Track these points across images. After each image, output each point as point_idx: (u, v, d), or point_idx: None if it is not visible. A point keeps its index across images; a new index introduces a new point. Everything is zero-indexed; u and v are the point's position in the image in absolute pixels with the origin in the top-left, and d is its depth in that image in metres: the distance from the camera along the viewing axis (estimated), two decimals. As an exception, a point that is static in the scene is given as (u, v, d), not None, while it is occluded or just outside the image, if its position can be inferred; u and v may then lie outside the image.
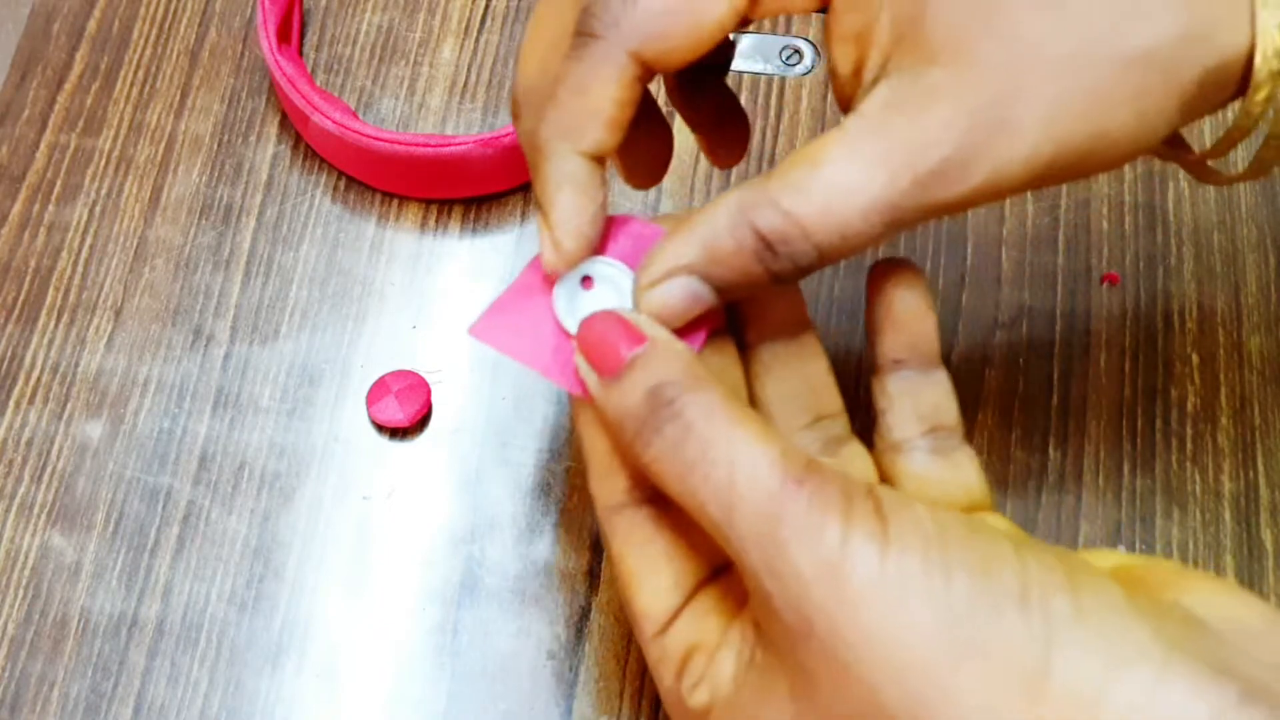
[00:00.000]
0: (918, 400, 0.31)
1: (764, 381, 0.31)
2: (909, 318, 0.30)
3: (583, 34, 0.29)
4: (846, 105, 0.30)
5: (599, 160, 0.30)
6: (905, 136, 0.27)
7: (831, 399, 0.32)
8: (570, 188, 0.29)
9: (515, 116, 0.32)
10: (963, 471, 0.31)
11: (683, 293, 0.29)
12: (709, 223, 0.28)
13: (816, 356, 0.32)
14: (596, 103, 0.29)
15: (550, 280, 0.31)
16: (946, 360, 0.44)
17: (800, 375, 0.31)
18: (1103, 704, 0.22)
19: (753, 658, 0.26)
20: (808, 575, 0.24)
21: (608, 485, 0.29)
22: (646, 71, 0.29)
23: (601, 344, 0.28)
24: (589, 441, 0.29)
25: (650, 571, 0.28)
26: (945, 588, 0.23)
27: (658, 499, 0.29)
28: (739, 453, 0.26)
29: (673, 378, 0.27)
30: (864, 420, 0.32)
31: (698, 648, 0.28)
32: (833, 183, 0.27)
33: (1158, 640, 0.23)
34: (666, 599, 0.28)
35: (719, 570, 0.29)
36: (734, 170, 0.47)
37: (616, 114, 0.29)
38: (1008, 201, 0.46)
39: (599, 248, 0.31)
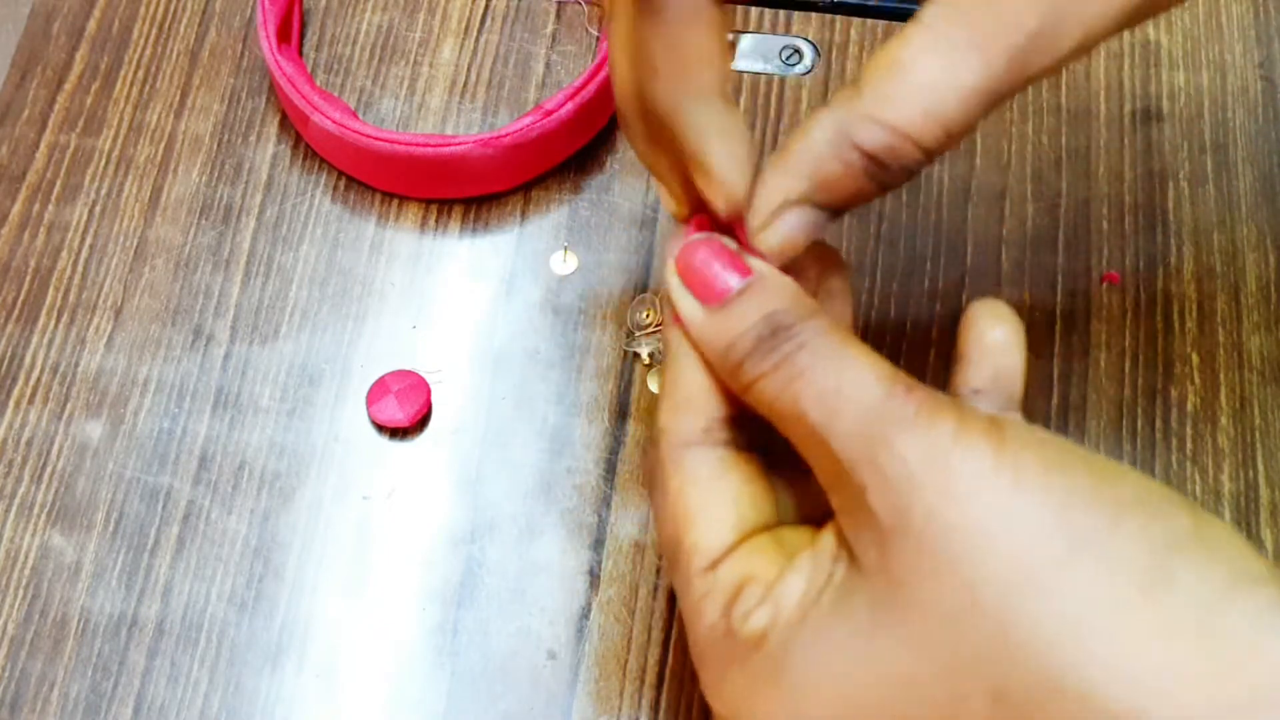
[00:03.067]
0: None
1: None
2: (998, 349, 0.29)
3: (645, 7, 0.29)
4: None
5: (731, 100, 0.30)
6: (992, 16, 0.26)
7: None
8: (715, 132, 0.29)
9: (625, 125, 0.31)
10: None
11: (800, 224, 0.29)
12: (810, 150, 0.28)
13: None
14: (699, 45, 0.29)
15: None
16: (947, 360, 0.44)
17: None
18: (1226, 614, 0.21)
19: (828, 578, 0.26)
20: (913, 465, 0.24)
21: (684, 420, 0.29)
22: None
23: (705, 271, 0.28)
24: (675, 373, 0.29)
25: (713, 507, 0.28)
26: (1064, 485, 0.23)
27: (732, 443, 0.29)
28: (848, 366, 0.26)
29: (785, 306, 0.27)
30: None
31: (752, 579, 0.27)
32: (927, 83, 0.26)
33: (1272, 570, 0.22)
34: (723, 535, 0.28)
35: (770, 527, 0.29)
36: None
37: (719, 47, 0.29)
38: (1007, 201, 0.47)
39: None
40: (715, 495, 0.28)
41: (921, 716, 0.23)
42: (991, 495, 0.23)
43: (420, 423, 0.43)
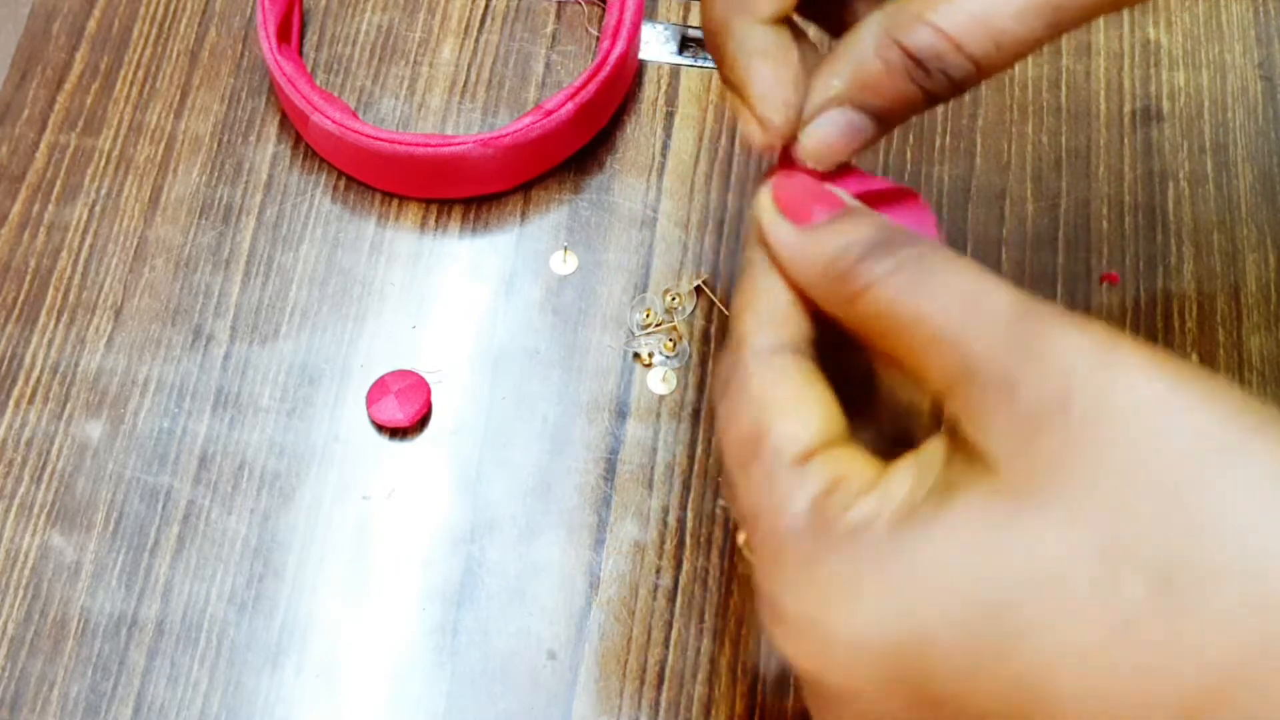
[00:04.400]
0: None
1: None
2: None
3: None
4: None
5: (784, 24, 0.29)
6: None
7: None
8: (760, 57, 0.29)
9: (709, 48, 0.31)
10: None
11: (840, 124, 0.28)
12: (855, 49, 0.27)
13: None
14: None
15: None
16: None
17: None
18: None
19: (942, 478, 0.24)
20: (1072, 354, 0.23)
21: (771, 331, 0.28)
22: None
23: (806, 195, 0.28)
24: (762, 289, 0.28)
25: (803, 405, 0.27)
26: (1207, 384, 0.22)
27: (815, 362, 0.28)
28: (978, 274, 0.25)
29: (889, 229, 0.27)
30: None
31: (849, 477, 0.26)
32: None
33: None
34: (815, 431, 0.26)
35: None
36: (733, 172, 0.47)
37: None
38: (1007, 201, 0.47)
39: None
40: (806, 395, 0.27)
41: (1067, 599, 0.22)
42: (1154, 388, 0.22)
43: (420, 423, 0.43)
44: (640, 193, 0.46)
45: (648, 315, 0.44)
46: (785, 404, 0.27)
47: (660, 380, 0.43)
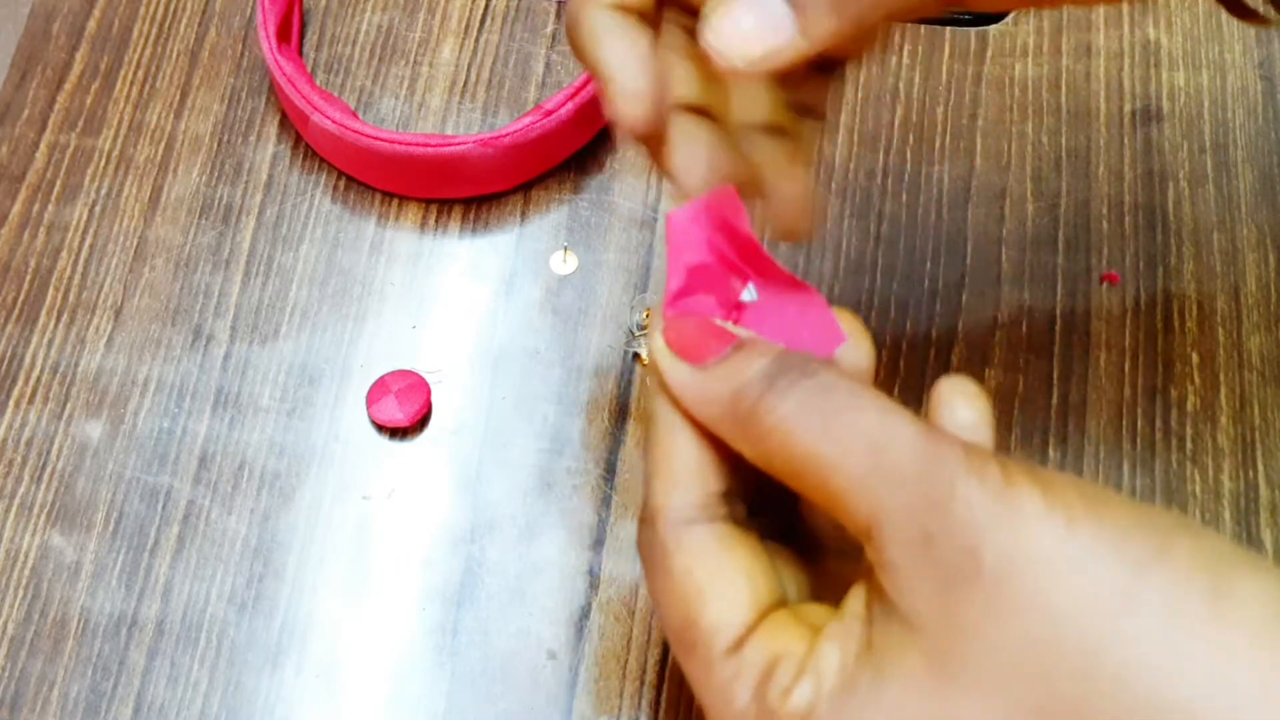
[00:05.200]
0: None
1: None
2: (966, 431, 0.28)
3: None
4: None
5: (633, 13, 0.29)
6: None
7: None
8: (610, 36, 0.29)
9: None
10: None
11: (755, 10, 0.27)
12: None
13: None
14: None
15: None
16: (947, 360, 0.44)
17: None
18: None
19: (868, 642, 0.25)
20: (977, 509, 0.23)
21: (681, 496, 0.28)
22: None
23: (698, 333, 0.28)
24: (667, 448, 0.28)
25: (725, 585, 0.27)
26: (1110, 519, 0.23)
27: (730, 519, 0.28)
28: (882, 409, 0.25)
29: (783, 359, 0.26)
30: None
31: (782, 657, 0.26)
32: None
33: None
34: (743, 612, 0.26)
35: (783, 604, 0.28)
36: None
37: None
38: (1007, 201, 0.47)
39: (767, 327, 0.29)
40: (727, 571, 0.27)
41: None
42: (1052, 534, 0.23)
43: (420, 423, 0.43)
44: (640, 193, 0.46)
45: (648, 315, 0.44)
46: (708, 587, 0.27)
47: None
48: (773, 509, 0.30)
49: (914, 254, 0.46)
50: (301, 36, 0.49)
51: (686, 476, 0.28)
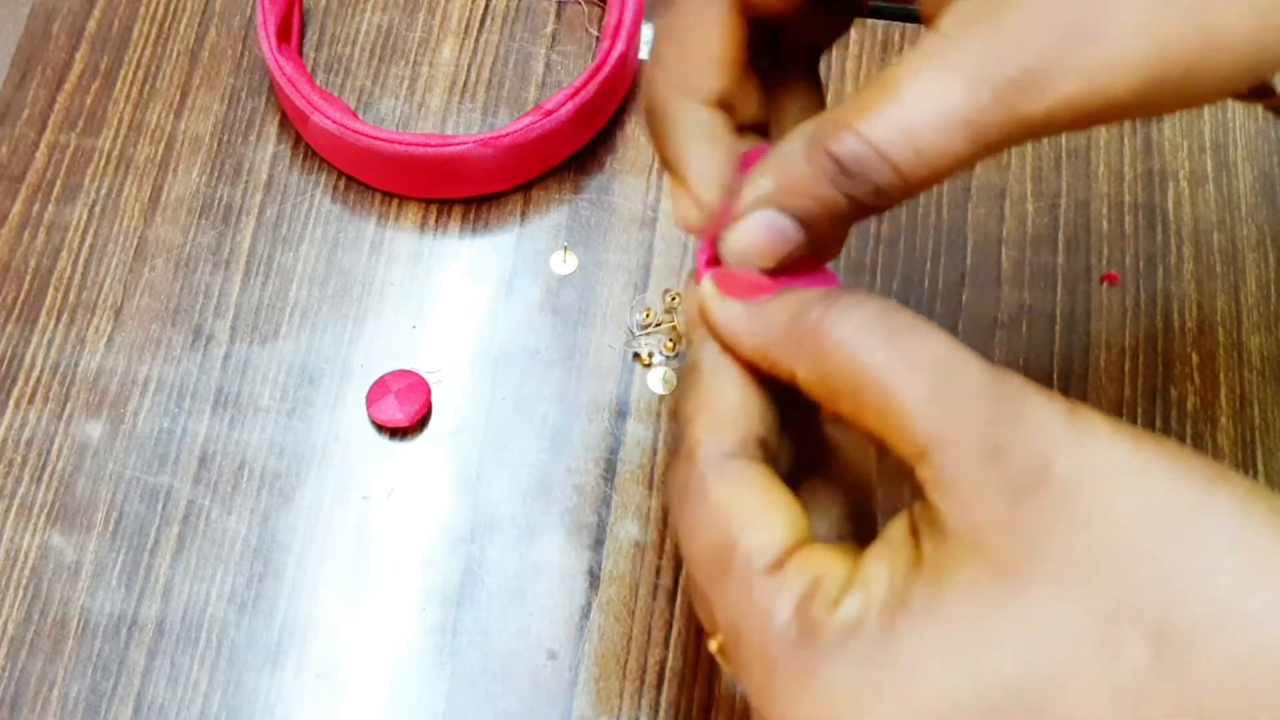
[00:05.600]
0: None
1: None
2: None
3: None
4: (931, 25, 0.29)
5: (722, 107, 0.29)
6: (983, 46, 0.26)
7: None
8: (698, 139, 0.29)
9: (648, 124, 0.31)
10: None
11: (765, 227, 0.28)
12: (784, 153, 0.28)
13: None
14: (703, 46, 0.28)
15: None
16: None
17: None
18: None
19: (917, 558, 0.24)
20: (1048, 422, 0.23)
21: (723, 434, 0.28)
22: (747, 6, 0.29)
23: (746, 279, 0.28)
24: (712, 389, 0.28)
25: (766, 510, 0.27)
26: (1168, 451, 0.23)
27: (768, 463, 0.28)
28: (940, 334, 0.25)
29: (823, 299, 0.26)
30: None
31: (826, 576, 0.25)
32: (906, 100, 0.26)
33: None
34: (782, 535, 0.26)
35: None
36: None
37: (725, 53, 0.29)
38: (1007, 201, 0.47)
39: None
40: (768, 500, 0.27)
41: (1072, 672, 0.22)
42: (1121, 450, 0.23)
43: (420, 423, 0.43)
44: (640, 193, 0.46)
45: (648, 315, 0.44)
46: (749, 512, 0.27)
47: (660, 380, 0.43)
48: (805, 456, 0.30)
49: (914, 254, 0.46)
50: (301, 36, 0.49)
51: (730, 418, 0.28)
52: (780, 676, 0.25)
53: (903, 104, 0.26)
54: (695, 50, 0.29)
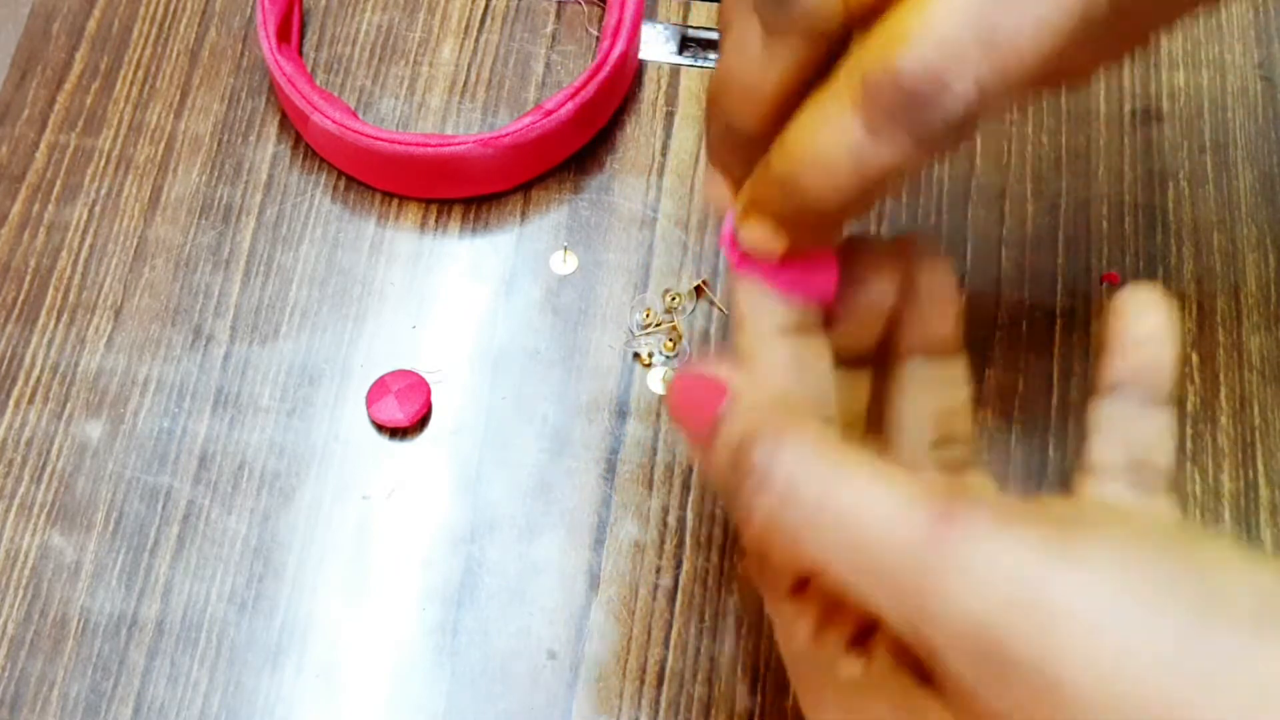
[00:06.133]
0: (1131, 430, 0.27)
1: (899, 400, 0.29)
2: (1147, 341, 0.27)
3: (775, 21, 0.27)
4: None
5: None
6: None
7: (965, 426, 0.30)
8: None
9: (716, 121, 0.29)
10: (1156, 519, 0.27)
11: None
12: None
13: (960, 384, 0.29)
14: (773, 78, 0.27)
15: None
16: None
17: (939, 398, 0.29)
18: None
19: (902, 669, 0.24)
20: (986, 618, 0.21)
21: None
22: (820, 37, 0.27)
23: (691, 407, 0.26)
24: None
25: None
26: (1164, 603, 0.21)
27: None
28: (863, 500, 0.23)
29: (757, 428, 0.24)
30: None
31: (843, 607, 0.25)
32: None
33: None
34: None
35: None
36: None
37: (785, 86, 0.27)
38: (1007, 201, 0.46)
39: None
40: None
41: None
42: (1085, 628, 0.21)
43: (420, 423, 0.43)
44: (640, 193, 0.46)
45: (648, 315, 0.44)
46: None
47: (660, 380, 0.43)
48: None
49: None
50: (301, 36, 0.49)
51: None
52: (798, 675, 0.26)
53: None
54: (761, 81, 0.27)
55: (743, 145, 0.28)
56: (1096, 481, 0.27)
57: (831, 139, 0.24)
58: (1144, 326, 0.27)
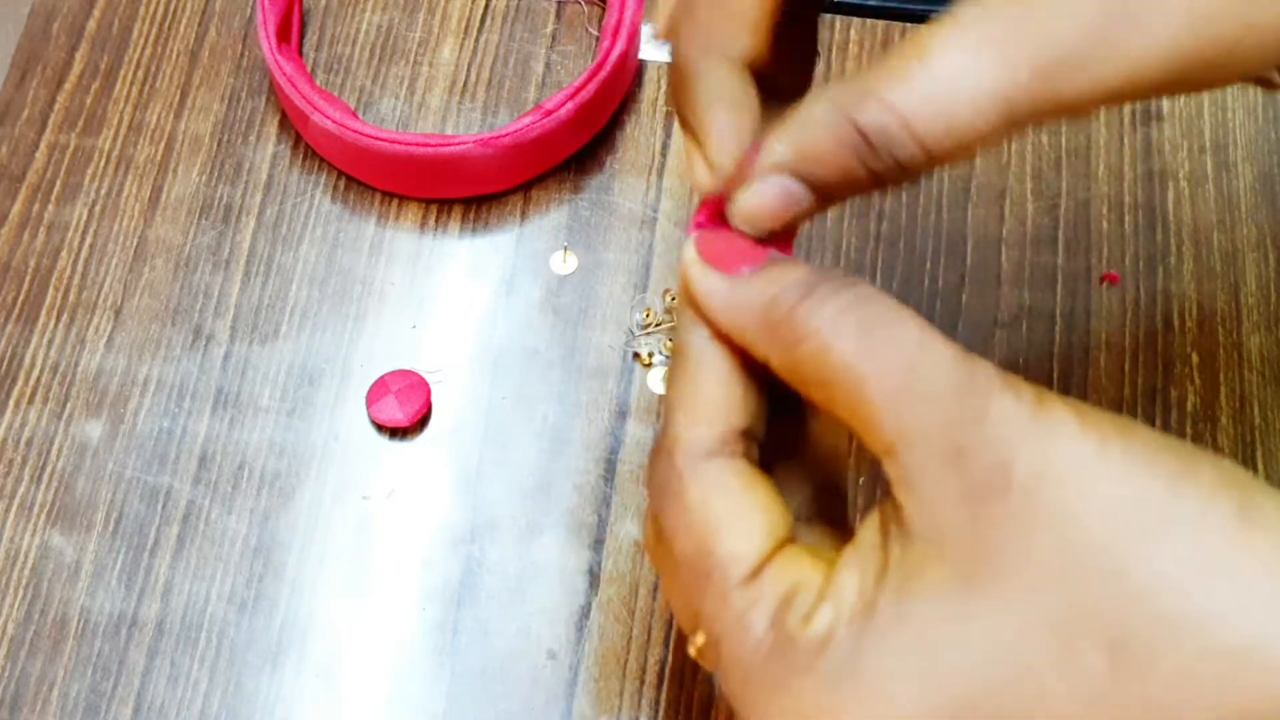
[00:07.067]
0: None
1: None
2: None
3: None
4: None
5: (748, 73, 0.28)
6: (1026, 23, 0.24)
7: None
8: (722, 102, 0.28)
9: (667, 40, 0.30)
10: None
11: (777, 192, 0.27)
12: (804, 119, 0.27)
13: None
14: (737, 6, 0.28)
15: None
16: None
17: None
18: None
19: (885, 563, 0.24)
20: (1014, 425, 0.23)
21: (702, 430, 0.27)
22: None
23: (731, 246, 0.27)
24: (692, 380, 0.28)
25: (741, 518, 0.26)
26: (1139, 444, 0.23)
27: (747, 456, 0.27)
28: (919, 326, 0.25)
29: (809, 281, 0.26)
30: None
31: (801, 586, 0.25)
32: (940, 72, 0.25)
33: None
34: (759, 543, 0.26)
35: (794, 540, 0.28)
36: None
37: (759, 16, 0.28)
38: (1007, 201, 0.47)
39: None
40: (743, 505, 0.27)
41: (1032, 682, 0.22)
42: (1085, 451, 0.23)
43: (420, 423, 0.43)
44: (640, 192, 0.46)
45: (648, 315, 0.44)
46: (726, 518, 0.26)
47: (660, 380, 0.43)
48: (780, 432, 0.30)
49: (914, 254, 0.46)
50: (301, 36, 0.49)
51: (710, 411, 0.28)
52: (756, 688, 0.25)
53: (934, 75, 0.25)
54: (733, 6, 0.28)
55: (725, 85, 0.29)
56: None
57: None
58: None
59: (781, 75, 0.31)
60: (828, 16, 0.50)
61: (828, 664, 0.24)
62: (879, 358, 0.25)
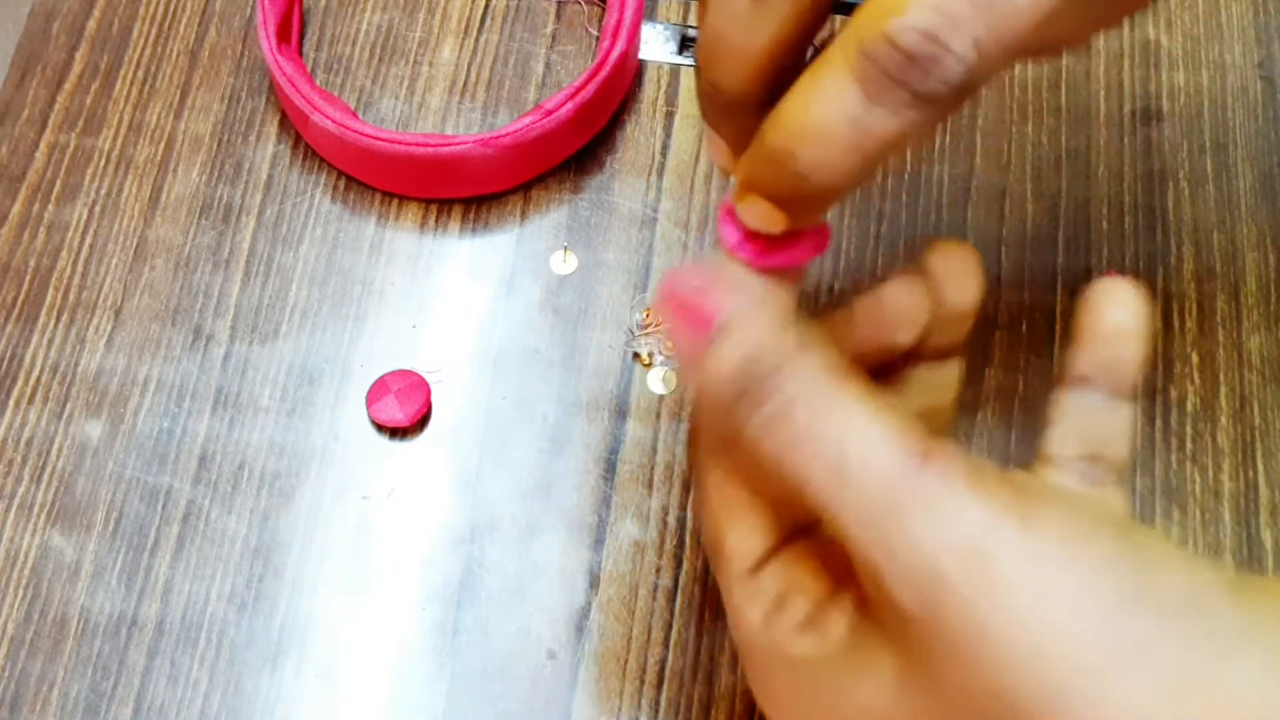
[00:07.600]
0: (1090, 424, 0.28)
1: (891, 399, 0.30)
2: (1113, 336, 0.27)
3: None
4: None
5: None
6: None
7: (944, 426, 0.31)
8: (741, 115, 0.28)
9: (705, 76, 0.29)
10: (1109, 509, 0.28)
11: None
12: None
13: (951, 386, 0.31)
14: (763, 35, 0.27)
15: None
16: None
17: (927, 399, 0.30)
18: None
19: (857, 627, 0.25)
20: (936, 557, 0.22)
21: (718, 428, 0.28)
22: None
23: (687, 304, 0.26)
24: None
25: (739, 516, 0.28)
26: (1099, 581, 0.22)
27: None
28: (850, 430, 0.24)
29: (766, 347, 0.25)
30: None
31: (796, 591, 0.26)
32: None
33: None
34: (754, 543, 0.27)
35: (805, 529, 0.29)
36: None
37: (776, 45, 0.27)
38: (1007, 201, 0.47)
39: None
40: (738, 506, 0.28)
41: None
42: (1027, 592, 0.22)
43: (420, 423, 0.43)
44: (640, 193, 0.46)
45: (648, 315, 0.44)
46: (732, 510, 0.28)
47: (660, 380, 0.43)
48: None
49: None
50: (301, 36, 0.49)
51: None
52: (751, 662, 0.28)
53: None
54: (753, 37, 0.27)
55: (733, 108, 0.28)
56: (1050, 472, 0.28)
57: (828, 111, 0.24)
58: (1113, 320, 0.27)
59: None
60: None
61: (802, 678, 0.26)
62: (807, 469, 0.24)
